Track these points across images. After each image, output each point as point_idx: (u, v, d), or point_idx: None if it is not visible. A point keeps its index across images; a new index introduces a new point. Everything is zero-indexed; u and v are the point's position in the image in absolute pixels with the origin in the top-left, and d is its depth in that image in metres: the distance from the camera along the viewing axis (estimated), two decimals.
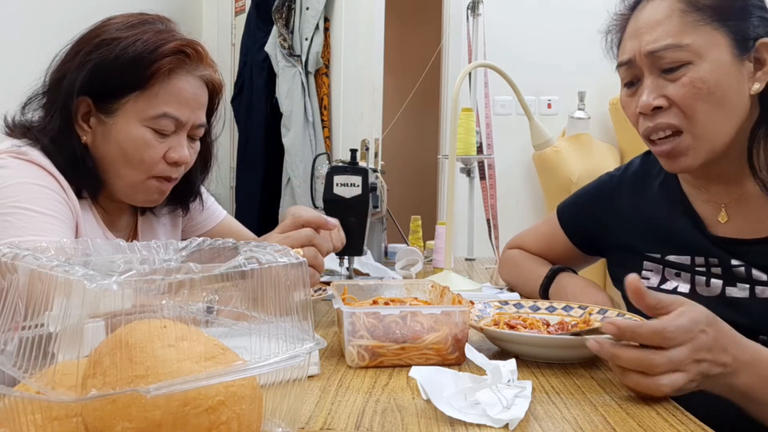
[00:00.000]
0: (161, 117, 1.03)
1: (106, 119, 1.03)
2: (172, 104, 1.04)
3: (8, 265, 0.50)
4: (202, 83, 1.09)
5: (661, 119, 0.94)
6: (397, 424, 0.66)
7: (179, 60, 1.04)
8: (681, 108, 0.92)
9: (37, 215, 0.94)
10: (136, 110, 1.03)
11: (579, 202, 1.26)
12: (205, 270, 0.49)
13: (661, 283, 1.05)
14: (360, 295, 1.03)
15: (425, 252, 1.96)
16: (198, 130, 1.10)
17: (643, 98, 0.94)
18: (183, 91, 1.05)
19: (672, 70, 0.92)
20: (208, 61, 1.10)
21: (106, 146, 1.05)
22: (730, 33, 0.91)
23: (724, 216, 1.00)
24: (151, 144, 1.04)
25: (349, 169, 1.41)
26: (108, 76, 1.01)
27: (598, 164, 2.88)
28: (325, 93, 3.17)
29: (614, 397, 0.76)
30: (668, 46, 0.91)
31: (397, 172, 4.01)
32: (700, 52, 0.91)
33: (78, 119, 1.04)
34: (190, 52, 1.06)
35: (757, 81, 0.93)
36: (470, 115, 1.98)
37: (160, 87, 1.03)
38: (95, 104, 1.03)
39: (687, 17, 0.92)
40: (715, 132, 0.93)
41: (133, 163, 1.05)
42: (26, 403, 0.45)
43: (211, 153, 1.23)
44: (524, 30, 3.17)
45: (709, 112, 0.91)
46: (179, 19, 1.14)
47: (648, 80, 0.95)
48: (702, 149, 0.94)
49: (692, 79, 0.91)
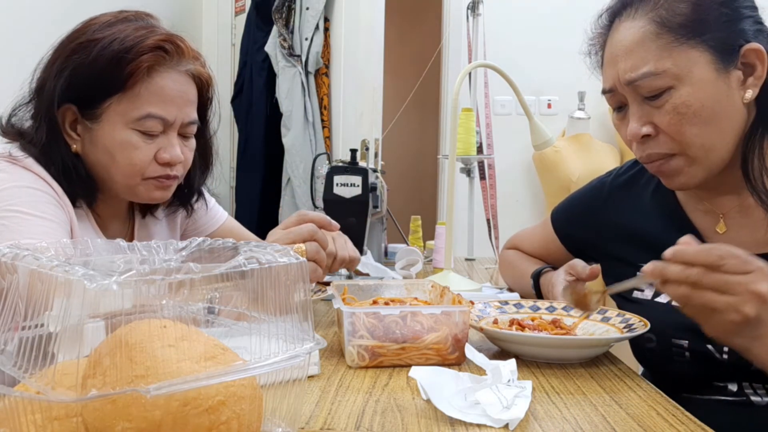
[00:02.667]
0: (146, 118, 1.00)
1: (92, 125, 1.01)
2: (156, 104, 1.00)
3: (8, 265, 0.50)
4: (188, 78, 1.05)
5: (653, 150, 0.91)
6: (397, 424, 0.66)
7: (158, 57, 1.00)
8: (669, 135, 0.89)
9: (33, 218, 0.93)
10: (120, 113, 1.00)
11: (571, 210, 1.23)
12: (205, 270, 0.49)
13: (655, 296, 1.01)
14: (360, 295, 1.03)
15: (425, 252, 1.97)
16: (189, 127, 1.06)
17: (631, 127, 0.91)
18: (166, 89, 1.01)
19: (654, 97, 0.89)
20: (191, 54, 1.05)
21: (96, 153, 1.02)
22: (709, 48, 0.87)
23: (723, 226, 0.96)
24: (139, 146, 1.01)
25: (349, 169, 1.41)
26: (87, 80, 0.98)
27: (598, 164, 2.88)
28: (325, 93, 3.16)
29: (614, 397, 0.76)
30: (645, 75, 0.88)
31: (397, 172, 4.02)
32: (679, 75, 0.87)
33: (65, 128, 1.02)
34: (170, 48, 1.02)
35: (749, 88, 0.88)
36: (470, 115, 1.98)
37: (141, 86, 0.99)
38: (80, 111, 1.01)
39: (660, 40, 0.88)
40: (709, 150, 0.89)
41: (123, 167, 1.02)
42: (26, 403, 0.45)
43: (211, 150, 1.20)
44: (524, 30, 3.17)
45: (700, 133, 0.88)
46: (179, 19, 1.13)
47: (633, 108, 0.92)
48: (698, 168, 0.91)
49: (675, 105, 0.87)
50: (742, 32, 0.88)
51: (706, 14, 0.88)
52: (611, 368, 0.88)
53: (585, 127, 3.01)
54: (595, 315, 1.02)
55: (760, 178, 0.89)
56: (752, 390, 0.92)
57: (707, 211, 0.99)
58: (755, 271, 0.74)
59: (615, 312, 1.01)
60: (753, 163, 0.89)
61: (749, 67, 0.88)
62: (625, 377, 0.84)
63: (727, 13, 0.88)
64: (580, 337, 0.93)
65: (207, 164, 1.20)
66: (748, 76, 0.89)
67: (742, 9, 0.89)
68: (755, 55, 0.88)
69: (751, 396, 0.92)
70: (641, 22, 0.90)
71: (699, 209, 1.00)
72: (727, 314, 0.73)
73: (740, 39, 0.88)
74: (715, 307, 0.74)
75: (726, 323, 0.74)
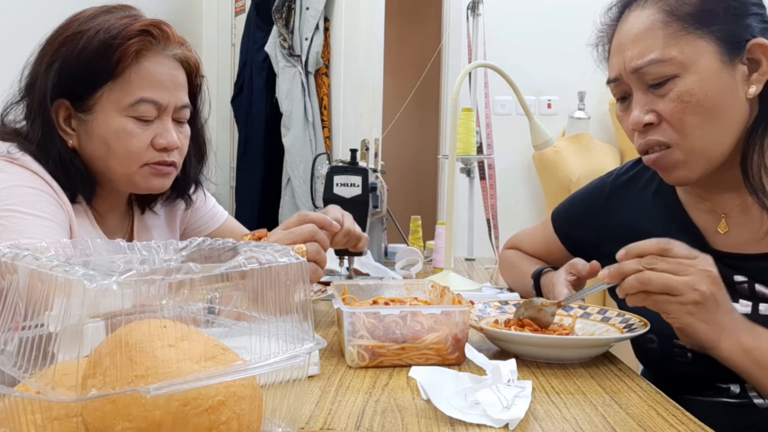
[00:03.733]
0: (139, 103, 1.00)
1: (86, 118, 1.01)
2: (148, 88, 1.01)
3: (8, 265, 0.50)
4: (177, 63, 1.06)
5: (652, 136, 0.92)
6: (397, 424, 0.66)
7: (145, 41, 1.01)
8: (671, 123, 0.89)
9: (32, 218, 0.93)
10: (112, 101, 1.00)
11: (571, 210, 1.23)
12: (205, 270, 0.49)
13: None
14: (360, 295, 1.03)
15: (425, 252, 1.97)
16: (182, 111, 1.07)
17: (634, 115, 0.92)
18: (156, 73, 1.02)
19: (659, 85, 0.89)
20: (177, 39, 1.06)
21: (92, 145, 1.03)
22: (716, 39, 0.87)
23: (724, 226, 0.96)
24: (134, 133, 1.01)
25: (349, 169, 1.41)
26: (77, 72, 0.99)
27: (598, 164, 2.88)
28: (325, 93, 3.16)
29: (614, 397, 0.76)
30: (652, 62, 0.88)
31: (397, 172, 4.02)
32: (685, 63, 0.87)
33: (60, 124, 1.02)
34: (156, 33, 1.02)
35: (754, 84, 0.89)
36: (470, 115, 1.98)
37: (131, 72, 1.00)
38: (73, 105, 1.02)
39: (668, 28, 0.89)
40: (709, 143, 0.89)
41: (119, 155, 1.02)
42: (26, 403, 0.45)
43: (204, 138, 1.20)
44: (524, 30, 3.17)
45: (701, 125, 0.88)
46: (179, 19, 1.13)
47: (637, 96, 0.92)
48: (697, 162, 0.91)
49: (679, 93, 0.88)
50: (749, 27, 0.89)
51: (715, 5, 0.89)
52: (611, 368, 0.88)
53: (585, 127, 3.01)
54: (596, 315, 1.02)
55: (758, 175, 0.89)
56: (755, 392, 0.91)
57: (708, 211, 0.99)
58: (699, 257, 0.81)
59: (615, 312, 1.01)
60: (752, 159, 0.89)
61: (754, 62, 0.89)
62: (625, 377, 0.84)
63: (735, 6, 0.89)
64: (580, 337, 0.93)
65: (202, 153, 1.20)
66: (752, 72, 0.89)
67: (750, 5, 0.90)
68: (761, 50, 0.88)
69: (754, 399, 0.91)
70: (650, 11, 0.91)
71: (700, 209, 1.00)
72: (687, 294, 0.79)
73: (747, 33, 0.88)
74: (673, 289, 0.79)
75: (688, 305, 0.79)
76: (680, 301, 0.79)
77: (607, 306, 1.05)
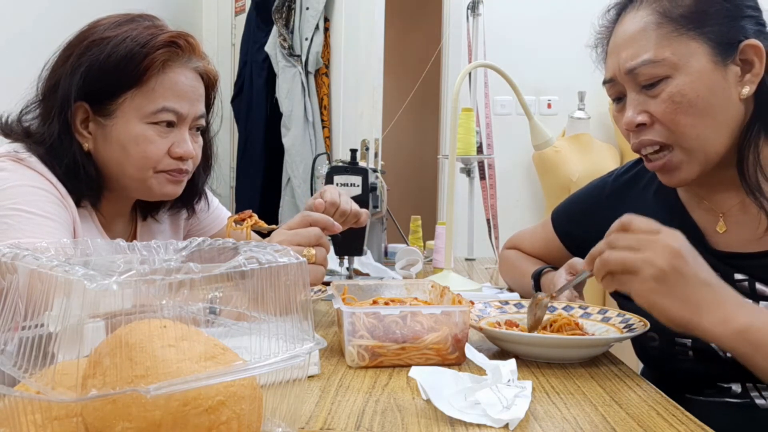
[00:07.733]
0: (161, 111, 1.02)
1: (105, 122, 1.02)
2: (171, 97, 1.03)
3: (8, 265, 0.50)
4: (197, 75, 1.08)
5: (646, 136, 0.92)
6: (397, 424, 0.66)
7: (172, 52, 1.03)
8: (664, 124, 0.90)
9: (35, 218, 0.93)
10: (135, 108, 1.01)
11: (572, 209, 1.24)
12: (205, 270, 0.49)
13: None
14: (360, 295, 1.03)
15: (425, 252, 1.96)
16: (199, 121, 1.09)
17: (627, 115, 0.93)
18: (179, 84, 1.04)
19: (651, 86, 0.90)
20: (200, 52, 1.09)
21: (108, 149, 1.04)
22: (708, 40, 0.88)
23: (723, 226, 0.96)
24: (153, 140, 1.03)
25: (349, 169, 1.41)
26: (102, 76, 1.00)
27: (598, 164, 2.88)
28: (325, 93, 3.17)
29: (614, 397, 0.76)
30: (645, 62, 0.89)
31: (397, 172, 4.01)
32: (677, 64, 0.88)
33: (77, 126, 1.03)
34: (182, 44, 1.04)
35: (747, 84, 0.89)
36: (470, 115, 1.98)
37: (156, 81, 1.02)
38: (92, 108, 1.02)
39: (661, 29, 0.90)
40: (703, 143, 0.90)
41: (136, 160, 1.03)
42: (26, 403, 0.45)
43: (212, 150, 1.22)
44: (524, 30, 3.17)
45: (694, 125, 0.89)
46: (179, 19, 1.13)
47: (630, 96, 0.93)
48: (695, 162, 0.91)
49: (671, 94, 0.88)
50: (743, 29, 0.89)
51: (708, 7, 0.89)
52: (611, 368, 0.88)
53: (585, 127, 3.01)
54: (596, 315, 1.02)
55: (754, 175, 0.89)
56: (757, 392, 0.91)
57: (708, 210, 0.99)
58: (663, 231, 0.79)
59: (615, 312, 1.01)
60: (748, 159, 0.90)
61: (747, 63, 0.89)
62: (625, 377, 0.84)
63: (728, 8, 0.89)
64: (580, 337, 0.93)
65: (209, 164, 1.22)
66: (745, 73, 0.90)
67: (745, 7, 0.91)
68: (754, 51, 0.88)
69: (756, 399, 0.91)
70: (644, 13, 0.92)
71: (700, 208, 1.00)
72: (645, 270, 0.77)
73: (740, 35, 0.89)
74: (630, 267, 0.78)
75: (648, 282, 0.77)
76: (640, 278, 0.77)
77: (607, 306, 1.05)
